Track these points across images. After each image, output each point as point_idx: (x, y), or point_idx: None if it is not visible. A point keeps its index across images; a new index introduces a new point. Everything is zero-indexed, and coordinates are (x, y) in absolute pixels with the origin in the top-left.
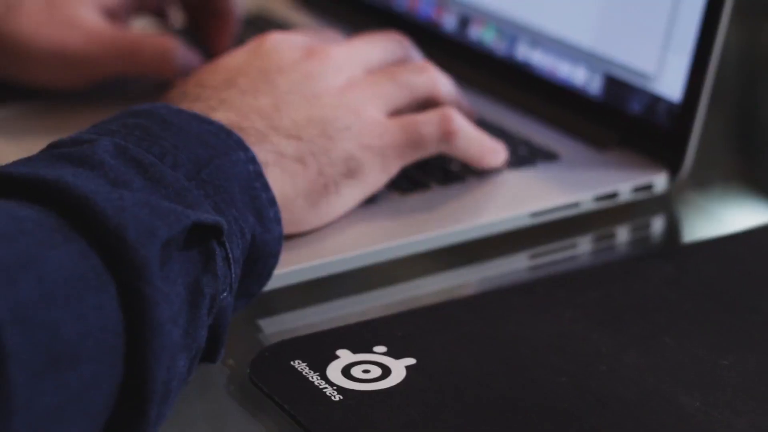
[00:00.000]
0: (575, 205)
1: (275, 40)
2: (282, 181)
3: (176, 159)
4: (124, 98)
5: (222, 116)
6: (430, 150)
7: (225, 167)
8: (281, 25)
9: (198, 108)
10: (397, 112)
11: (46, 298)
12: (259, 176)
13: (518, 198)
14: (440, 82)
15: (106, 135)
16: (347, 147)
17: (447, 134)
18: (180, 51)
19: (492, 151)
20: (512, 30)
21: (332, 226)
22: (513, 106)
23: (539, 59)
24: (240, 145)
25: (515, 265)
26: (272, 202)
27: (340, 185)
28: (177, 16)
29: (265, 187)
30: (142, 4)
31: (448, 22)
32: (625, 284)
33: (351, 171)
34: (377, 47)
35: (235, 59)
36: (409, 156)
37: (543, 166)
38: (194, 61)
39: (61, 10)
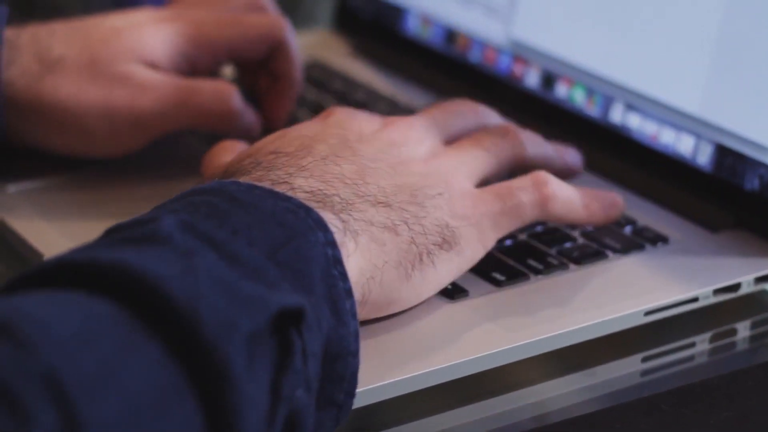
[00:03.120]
0: (694, 300)
1: (345, 112)
2: (371, 251)
3: (250, 237)
4: (174, 171)
5: (303, 182)
6: (528, 218)
7: (303, 249)
8: (339, 74)
9: (275, 175)
10: (484, 182)
11: (133, 416)
12: (337, 263)
13: (629, 292)
14: (526, 142)
15: (169, 213)
16: (440, 215)
17: (544, 199)
18: (238, 96)
19: (601, 206)
20: (605, 90)
21: (419, 330)
22: (606, 176)
23: (637, 124)
24: (320, 225)
25: (627, 370)
26: (349, 293)
27: (435, 256)
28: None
29: (343, 276)
30: (194, 68)
31: (530, 78)
32: (760, 399)
33: (446, 241)
34: (454, 116)
35: (307, 128)
36: (505, 226)
37: (651, 251)
38: (251, 114)
39: (106, 68)
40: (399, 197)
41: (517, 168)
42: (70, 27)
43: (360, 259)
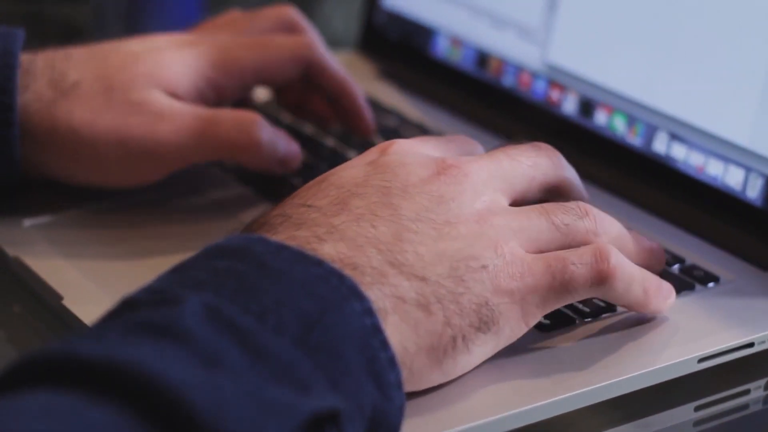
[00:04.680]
0: (749, 345)
1: (401, 150)
2: (401, 333)
3: (280, 319)
4: (197, 206)
5: (331, 250)
6: (580, 295)
7: (338, 324)
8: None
9: (302, 237)
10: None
11: None
12: (376, 331)
13: (681, 337)
14: (604, 229)
15: (192, 288)
16: (480, 291)
17: (602, 276)
18: (264, 125)
19: (658, 294)
20: (647, 118)
21: (460, 381)
22: (650, 209)
23: (682, 155)
24: (354, 293)
25: (680, 420)
26: (392, 362)
27: (470, 340)
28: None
29: (384, 344)
30: (219, 94)
31: (568, 104)
32: None
33: (483, 322)
34: (524, 164)
35: (350, 172)
36: (553, 303)
37: (701, 291)
38: (284, 144)
39: (122, 94)
40: (437, 269)
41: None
42: (86, 52)
43: (390, 341)
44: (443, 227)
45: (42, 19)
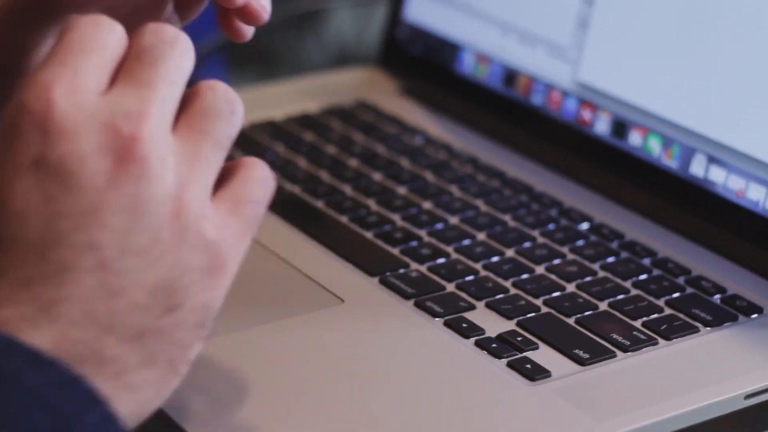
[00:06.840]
0: None
1: (64, 123)
2: (136, 404)
3: None
4: None
5: (47, 339)
6: None
7: None
8: (389, 117)
9: (9, 319)
10: None
11: None
12: None
13: (726, 372)
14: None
15: None
16: (199, 301)
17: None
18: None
19: None
20: (684, 140)
21: (495, 419)
22: (686, 235)
23: (721, 178)
24: (92, 401)
25: None
26: None
27: (192, 353)
28: None
29: None
30: None
31: (600, 125)
32: None
33: (203, 326)
34: (173, 86)
35: (19, 192)
36: (247, 247)
37: (745, 323)
38: None
39: None
40: (154, 310)
41: None
42: None
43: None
44: (152, 249)
45: None
